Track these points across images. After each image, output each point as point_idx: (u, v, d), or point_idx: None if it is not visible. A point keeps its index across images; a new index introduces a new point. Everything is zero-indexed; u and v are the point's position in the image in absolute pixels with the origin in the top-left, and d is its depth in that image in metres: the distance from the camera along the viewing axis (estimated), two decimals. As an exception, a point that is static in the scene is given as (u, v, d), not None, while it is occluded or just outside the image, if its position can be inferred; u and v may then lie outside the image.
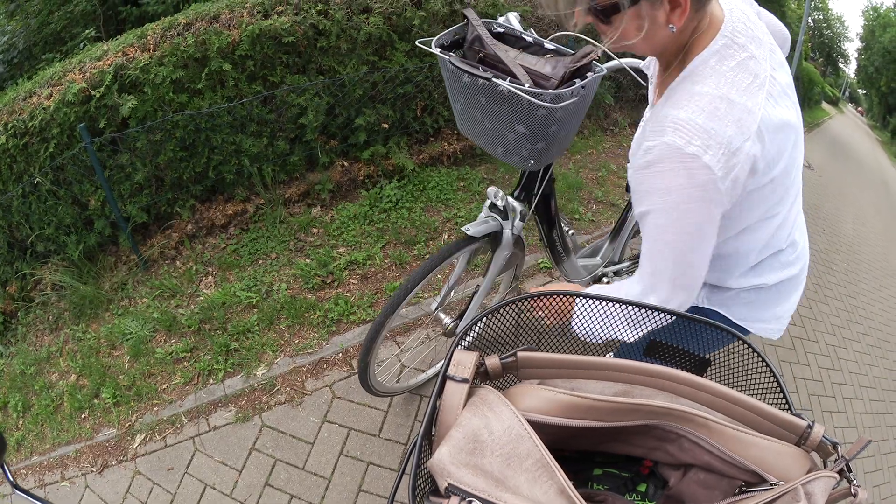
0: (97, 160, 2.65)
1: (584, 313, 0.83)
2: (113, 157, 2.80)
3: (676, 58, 0.94)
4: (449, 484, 0.50)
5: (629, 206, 2.22)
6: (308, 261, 2.88)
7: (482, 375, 0.67)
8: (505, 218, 1.71)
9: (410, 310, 2.59)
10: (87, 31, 5.14)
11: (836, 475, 0.59)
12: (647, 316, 0.77)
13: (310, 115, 3.05)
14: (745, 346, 0.77)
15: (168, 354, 2.51)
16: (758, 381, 0.77)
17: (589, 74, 1.33)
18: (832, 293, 4.73)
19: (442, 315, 1.88)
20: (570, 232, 2.12)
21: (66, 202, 2.88)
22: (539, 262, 3.05)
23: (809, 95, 18.65)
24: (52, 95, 2.69)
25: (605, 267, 2.33)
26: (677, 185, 0.86)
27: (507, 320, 0.80)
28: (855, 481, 0.59)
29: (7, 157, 2.88)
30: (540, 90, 1.24)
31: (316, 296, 2.72)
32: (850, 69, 56.37)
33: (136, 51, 2.74)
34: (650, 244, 0.95)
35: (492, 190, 1.70)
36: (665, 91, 0.94)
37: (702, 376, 0.69)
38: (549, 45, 1.48)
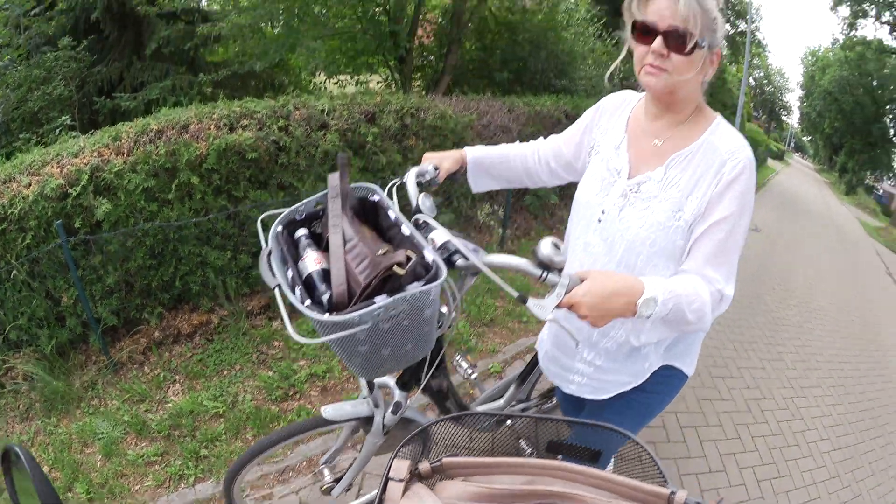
0: (72, 259, 2.70)
1: None
2: (86, 257, 2.87)
3: (690, 108, 1.20)
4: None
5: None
6: (271, 373, 2.96)
7: (418, 476, 0.83)
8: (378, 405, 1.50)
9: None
10: (62, 118, 5.30)
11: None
12: None
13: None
14: (629, 439, 0.95)
15: (139, 457, 2.52)
16: (642, 462, 0.92)
17: (414, 287, 1.00)
18: (785, 348, 4.91)
19: (326, 471, 1.76)
20: (473, 376, 2.01)
21: (40, 295, 2.90)
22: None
23: (754, 156, 19.80)
24: (30, 185, 2.75)
25: (512, 407, 2.21)
26: (752, 185, 1.14)
27: (444, 432, 0.97)
28: (717, 532, 0.75)
29: (-15, 240, 2.86)
30: (314, 315, 0.96)
31: (279, 407, 2.79)
32: (794, 119, 59.23)
33: (110, 153, 2.85)
34: (726, 242, 1.14)
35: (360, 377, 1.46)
36: (682, 130, 1.21)
37: (595, 465, 0.86)
38: (405, 230, 1.15)
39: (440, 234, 1.17)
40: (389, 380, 1.52)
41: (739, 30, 14.35)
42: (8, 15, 6.78)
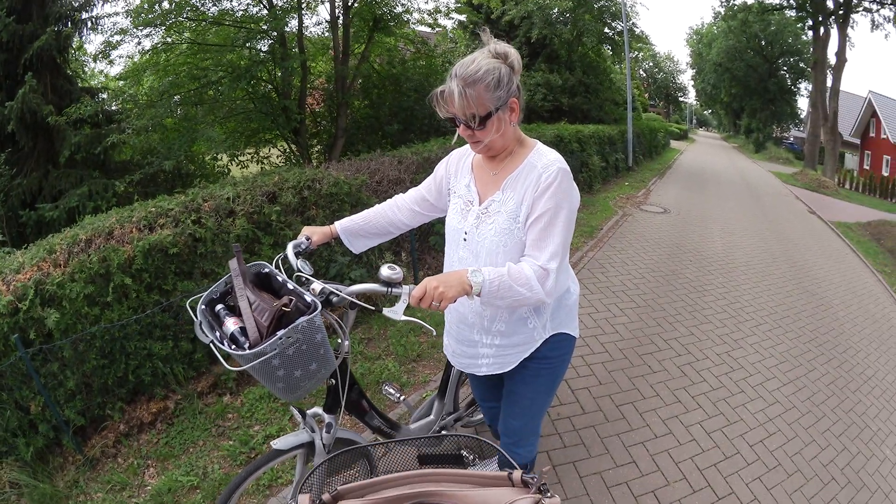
0: (33, 369, 2.81)
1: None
2: (45, 365, 2.96)
3: (512, 145, 1.57)
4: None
5: (447, 366, 2.39)
6: (230, 442, 3.12)
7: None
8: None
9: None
10: (-7, 234, 5.31)
11: (537, 494, 1.00)
12: None
13: (201, 315, 3.36)
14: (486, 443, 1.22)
15: (131, 539, 2.60)
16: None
17: (301, 319, 1.38)
18: (712, 310, 5.18)
19: None
20: (402, 398, 2.29)
21: (11, 407, 2.95)
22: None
23: (654, 144, 19.64)
24: (-19, 301, 2.81)
25: (443, 420, 2.48)
26: (566, 186, 1.47)
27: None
28: (549, 493, 1.00)
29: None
30: (236, 353, 1.35)
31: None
32: (691, 97, 60.90)
33: (49, 266, 3.00)
34: (547, 229, 1.47)
35: (292, 408, 1.82)
36: (509, 160, 1.59)
37: (459, 467, 1.12)
38: (290, 286, 1.56)
39: (317, 284, 1.57)
40: (318, 409, 1.82)
41: (618, 30, 15.18)
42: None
